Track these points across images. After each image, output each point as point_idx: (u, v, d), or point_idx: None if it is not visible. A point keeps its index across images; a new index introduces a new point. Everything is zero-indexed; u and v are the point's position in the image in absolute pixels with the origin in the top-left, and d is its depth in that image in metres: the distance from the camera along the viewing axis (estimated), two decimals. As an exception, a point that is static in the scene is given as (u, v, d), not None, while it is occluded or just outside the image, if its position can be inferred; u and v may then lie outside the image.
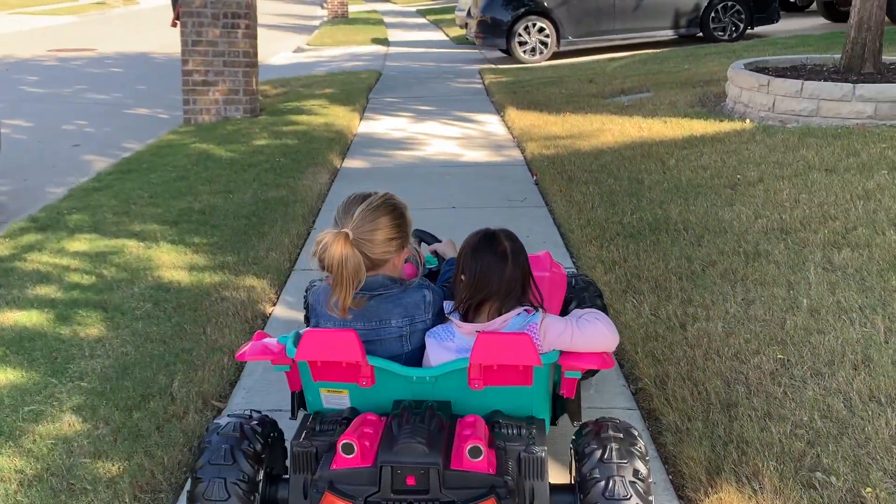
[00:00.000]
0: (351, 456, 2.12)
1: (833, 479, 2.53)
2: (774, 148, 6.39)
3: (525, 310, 2.43)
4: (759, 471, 2.61)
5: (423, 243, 3.19)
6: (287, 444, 2.49)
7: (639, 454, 2.26)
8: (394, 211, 2.43)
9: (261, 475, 2.33)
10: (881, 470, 2.56)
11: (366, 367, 2.34)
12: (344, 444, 2.12)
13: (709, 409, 3.01)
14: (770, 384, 3.12)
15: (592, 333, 2.40)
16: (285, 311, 4.23)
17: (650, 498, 2.20)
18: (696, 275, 4.22)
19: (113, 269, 4.70)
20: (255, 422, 2.40)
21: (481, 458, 2.10)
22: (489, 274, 2.40)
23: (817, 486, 2.52)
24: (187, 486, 2.37)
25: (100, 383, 3.40)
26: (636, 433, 2.34)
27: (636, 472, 2.21)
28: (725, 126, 7.36)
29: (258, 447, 2.33)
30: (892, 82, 7.24)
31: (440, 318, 2.51)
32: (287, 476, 2.41)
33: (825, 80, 7.44)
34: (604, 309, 3.22)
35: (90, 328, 3.93)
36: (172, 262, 4.78)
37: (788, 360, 3.28)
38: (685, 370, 3.30)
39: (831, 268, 4.09)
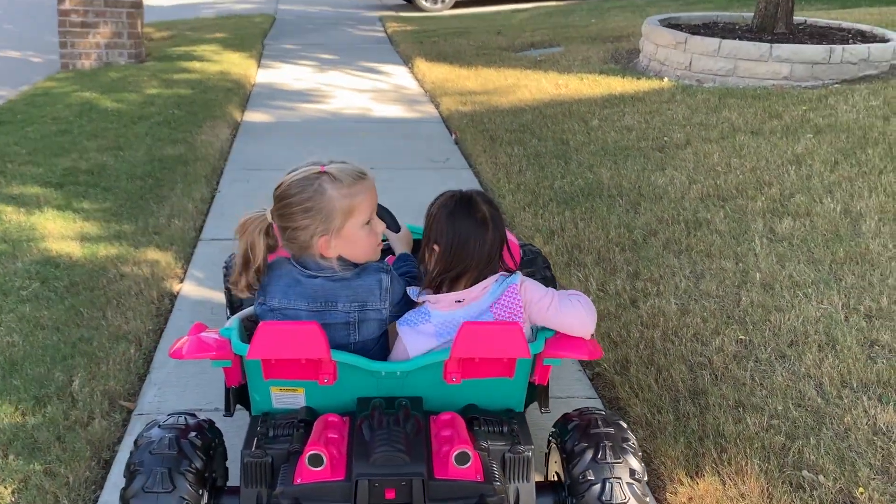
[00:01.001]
0: (319, 468, 1.81)
1: (821, 478, 2.37)
2: (696, 108, 6.28)
3: (502, 274, 2.16)
4: (743, 469, 2.42)
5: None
6: (227, 447, 2.21)
7: (632, 450, 2.04)
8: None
9: (205, 498, 1.98)
10: (867, 465, 2.42)
11: (329, 363, 2.00)
12: (311, 455, 1.82)
13: (677, 399, 2.81)
14: (736, 369, 2.95)
15: (570, 311, 2.14)
16: (195, 289, 3.77)
17: (647, 499, 1.99)
18: (638, 245, 4.03)
19: (-11, 240, 4.10)
20: (194, 432, 2.03)
21: (469, 464, 1.84)
22: (468, 242, 2.09)
23: (806, 486, 2.36)
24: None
25: (-18, 383, 2.90)
26: (626, 426, 2.12)
27: (632, 472, 1.99)
28: (643, 84, 7.20)
29: (199, 464, 1.98)
30: (804, 42, 7.26)
31: (403, 309, 2.17)
32: (232, 486, 2.11)
33: (739, 38, 7.37)
34: (553, 280, 2.97)
35: (-34, 313, 3.38)
36: (60, 232, 4.21)
37: (751, 342, 3.12)
38: (645, 354, 3.09)
39: (776, 238, 3.97)
